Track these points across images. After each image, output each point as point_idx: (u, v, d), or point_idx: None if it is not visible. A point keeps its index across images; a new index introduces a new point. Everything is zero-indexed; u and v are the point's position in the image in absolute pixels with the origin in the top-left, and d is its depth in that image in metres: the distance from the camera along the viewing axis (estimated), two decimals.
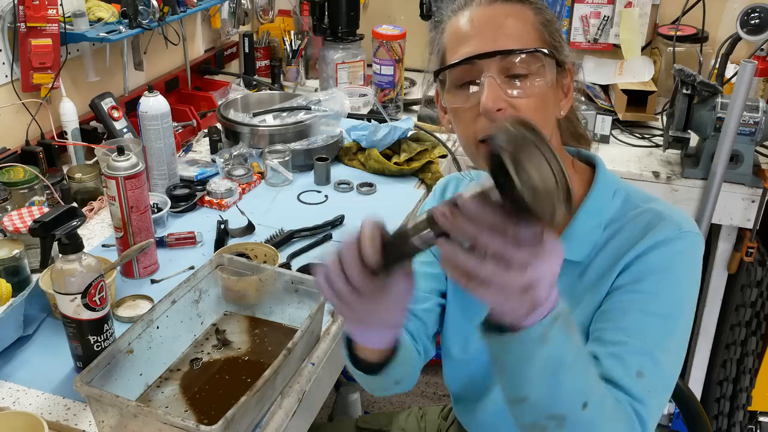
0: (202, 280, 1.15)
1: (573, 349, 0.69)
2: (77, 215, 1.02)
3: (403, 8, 2.53)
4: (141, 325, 1.03)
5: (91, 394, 0.90)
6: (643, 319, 0.85)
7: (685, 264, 0.87)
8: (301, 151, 1.73)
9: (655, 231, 0.88)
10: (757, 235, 1.86)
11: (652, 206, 0.92)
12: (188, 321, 1.13)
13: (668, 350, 0.85)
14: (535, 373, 0.68)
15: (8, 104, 1.59)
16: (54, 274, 1.00)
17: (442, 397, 2.47)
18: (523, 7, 0.90)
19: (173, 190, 1.56)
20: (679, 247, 0.87)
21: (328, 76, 2.24)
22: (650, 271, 0.86)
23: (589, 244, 0.92)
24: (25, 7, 1.53)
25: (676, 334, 0.86)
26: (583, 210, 0.93)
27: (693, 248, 0.89)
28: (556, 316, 0.67)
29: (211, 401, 1.03)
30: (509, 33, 0.87)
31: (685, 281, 0.87)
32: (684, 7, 2.17)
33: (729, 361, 2.07)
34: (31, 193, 1.44)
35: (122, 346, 0.99)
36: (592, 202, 0.94)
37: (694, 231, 0.89)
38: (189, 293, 1.12)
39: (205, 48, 2.31)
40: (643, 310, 0.85)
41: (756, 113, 1.75)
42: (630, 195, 0.95)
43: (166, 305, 1.08)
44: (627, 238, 0.90)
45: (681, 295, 0.86)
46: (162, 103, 1.51)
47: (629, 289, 0.87)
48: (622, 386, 0.81)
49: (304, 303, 1.16)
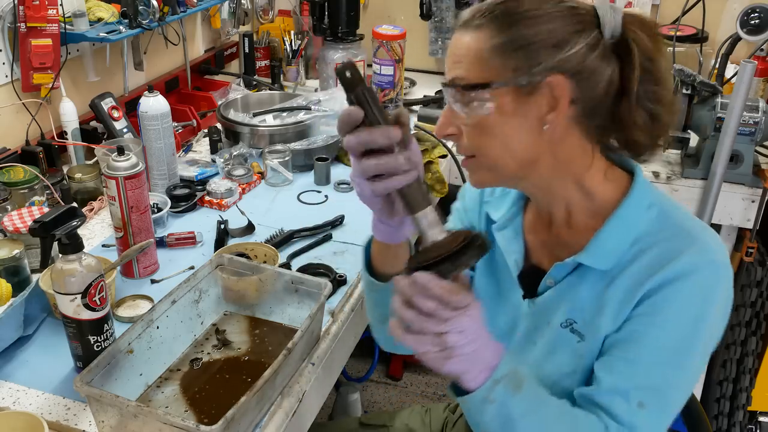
0: (202, 280, 1.15)
1: (521, 405, 0.82)
2: (77, 215, 1.02)
3: (403, 8, 2.53)
4: (141, 325, 1.03)
5: (91, 394, 0.90)
6: (654, 354, 0.85)
7: (706, 297, 0.85)
8: (301, 151, 1.73)
9: (681, 258, 0.85)
10: (757, 235, 1.86)
11: (687, 226, 0.90)
12: (188, 321, 1.13)
13: (674, 385, 0.85)
14: (487, 425, 0.83)
15: (8, 104, 1.59)
16: (54, 274, 1.00)
17: (442, 397, 2.47)
18: (481, 31, 0.87)
19: (173, 190, 1.56)
20: (703, 280, 0.85)
21: (328, 76, 2.24)
22: (668, 305, 0.85)
23: (615, 256, 0.90)
24: (25, 7, 1.53)
25: (685, 370, 0.85)
26: (613, 219, 0.91)
27: (718, 280, 0.86)
28: (497, 380, 0.80)
29: (211, 401, 1.03)
30: (460, 62, 0.88)
31: (704, 315, 0.85)
32: (684, 7, 2.17)
33: (729, 361, 2.07)
34: (31, 193, 1.44)
35: (122, 346, 0.99)
36: (624, 212, 0.91)
37: (722, 261, 0.87)
38: (189, 293, 1.12)
39: (205, 48, 2.31)
40: (654, 344, 0.85)
41: (756, 113, 1.75)
42: (667, 211, 0.92)
43: (166, 305, 1.08)
44: (654, 258, 0.87)
45: (696, 330, 0.85)
46: (162, 103, 1.51)
47: (645, 321, 0.86)
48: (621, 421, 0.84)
49: (304, 303, 1.16)
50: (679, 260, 0.85)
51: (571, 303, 0.93)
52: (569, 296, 0.94)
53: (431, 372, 0.89)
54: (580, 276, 0.93)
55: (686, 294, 0.85)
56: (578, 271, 0.93)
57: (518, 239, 1.03)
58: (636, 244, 0.90)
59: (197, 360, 1.11)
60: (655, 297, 0.86)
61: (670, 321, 0.85)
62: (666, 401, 0.85)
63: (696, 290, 0.85)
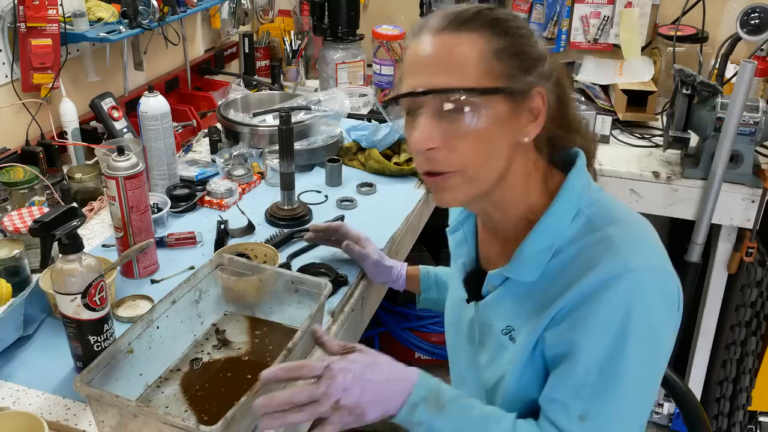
0: (202, 280, 1.15)
1: (449, 423, 0.85)
2: (77, 215, 1.02)
3: (403, 8, 2.53)
4: (141, 325, 1.02)
5: (91, 394, 0.90)
6: (585, 364, 0.84)
7: (630, 304, 0.82)
8: (302, 151, 1.73)
9: (598, 268, 0.83)
10: (757, 235, 1.86)
11: (611, 231, 0.86)
12: (188, 321, 1.13)
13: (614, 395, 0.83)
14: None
15: (8, 104, 1.59)
16: (54, 274, 1.00)
17: None
18: (474, 35, 0.85)
19: (173, 190, 1.56)
20: (623, 287, 0.82)
21: (328, 76, 2.24)
22: (591, 315, 0.83)
23: (538, 267, 0.89)
24: (25, 7, 1.53)
25: (622, 378, 0.83)
26: (535, 231, 0.90)
27: (640, 287, 0.82)
28: (414, 404, 0.85)
29: (211, 401, 1.03)
30: (449, 68, 0.84)
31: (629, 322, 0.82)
32: (684, 7, 2.17)
33: (729, 361, 2.07)
34: (31, 193, 1.44)
35: (122, 346, 0.99)
36: (547, 222, 0.90)
37: (641, 267, 0.83)
38: (189, 293, 1.12)
39: (205, 48, 2.31)
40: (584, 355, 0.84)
41: (756, 113, 1.75)
42: (594, 215, 0.89)
43: (166, 305, 1.08)
44: (573, 269, 0.86)
45: (624, 337, 0.82)
46: (162, 103, 1.51)
47: (572, 333, 0.84)
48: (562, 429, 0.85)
49: (304, 303, 1.16)
50: (597, 269, 0.83)
51: (507, 310, 0.94)
52: (504, 304, 0.95)
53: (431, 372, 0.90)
54: (510, 285, 0.94)
55: (607, 303, 0.82)
56: (508, 281, 0.94)
57: (468, 243, 1.05)
58: (558, 255, 0.88)
59: (197, 360, 1.11)
60: (579, 308, 0.84)
61: (595, 330, 0.83)
62: (608, 412, 0.84)
63: (618, 298, 0.82)
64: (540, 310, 0.88)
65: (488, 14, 0.87)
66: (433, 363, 2.54)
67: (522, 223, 0.93)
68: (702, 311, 2.05)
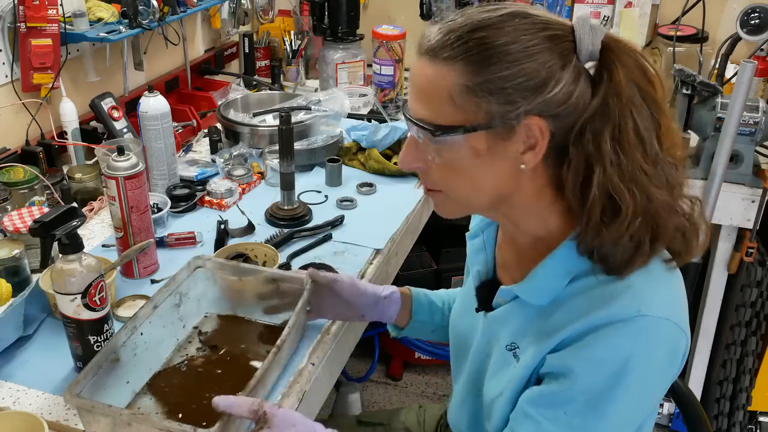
0: (181, 284, 1.13)
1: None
2: (77, 215, 1.02)
3: (403, 8, 2.53)
4: (125, 333, 1.01)
5: (82, 405, 0.89)
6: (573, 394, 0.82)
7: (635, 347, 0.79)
8: (302, 151, 1.73)
9: (612, 305, 0.81)
10: (757, 235, 1.86)
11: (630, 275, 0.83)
12: (170, 325, 1.12)
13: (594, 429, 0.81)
14: None
15: (8, 104, 1.59)
16: (54, 274, 1.00)
17: (442, 397, 2.47)
18: (449, 67, 0.79)
19: (173, 190, 1.56)
20: (632, 330, 0.79)
21: (328, 76, 2.24)
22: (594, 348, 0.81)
23: (551, 293, 0.87)
24: (25, 7, 1.53)
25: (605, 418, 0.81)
26: (551, 257, 0.87)
27: (646, 336, 0.79)
28: None
29: (201, 405, 1.01)
30: (425, 98, 0.82)
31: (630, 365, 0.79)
32: (684, 7, 2.17)
33: (729, 361, 2.07)
34: (31, 193, 1.44)
35: (108, 355, 0.98)
36: (564, 250, 0.86)
37: (655, 316, 0.80)
38: (170, 297, 1.11)
39: (205, 48, 2.31)
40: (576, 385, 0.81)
41: (756, 113, 1.75)
42: None
43: (148, 311, 1.06)
44: (587, 301, 0.83)
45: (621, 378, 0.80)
46: (162, 103, 1.51)
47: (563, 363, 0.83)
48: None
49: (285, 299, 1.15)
50: (611, 306, 0.81)
51: (514, 327, 0.92)
52: (512, 320, 0.93)
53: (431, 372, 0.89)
54: (520, 304, 0.92)
55: (612, 340, 0.80)
56: (518, 298, 0.92)
57: (485, 251, 1.03)
58: (572, 284, 0.86)
59: (183, 363, 1.10)
60: (584, 338, 0.81)
61: (593, 363, 0.81)
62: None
63: (623, 340, 0.79)
64: (548, 334, 0.86)
65: (479, 39, 0.79)
66: (433, 363, 2.55)
67: (540, 242, 0.90)
68: (702, 311, 2.05)
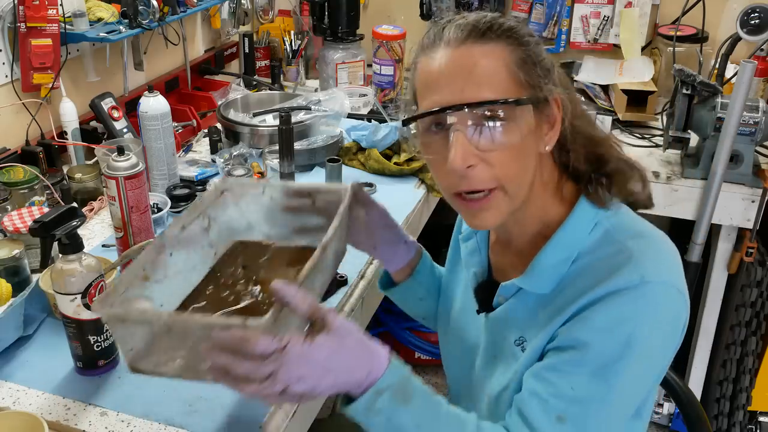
0: (209, 207, 1.01)
1: (411, 417, 0.78)
2: (77, 215, 1.02)
3: (403, 8, 2.53)
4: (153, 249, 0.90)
5: (114, 314, 0.78)
6: (579, 366, 0.82)
7: (641, 316, 0.81)
8: (302, 151, 1.73)
9: (614, 277, 0.82)
10: (757, 235, 1.86)
11: (631, 244, 0.85)
12: (200, 250, 0.99)
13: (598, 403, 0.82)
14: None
15: (8, 104, 1.59)
16: (54, 274, 1.00)
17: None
18: (497, 46, 0.83)
19: (173, 190, 1.56)
20: (636, 298, 0.81)
21: (328, 76, 2.24)
22: (598, 320, 0.82)
23: (554, 279, 0.88)
24: (25, 7, 1.53)
25: (612, 389, 0.82)
26: (552, 243, 0.89)
27: (654, 301, 0.81)
28: (378, 391, 0.77)
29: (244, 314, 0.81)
30: (479, 80, 0.81)
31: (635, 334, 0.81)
32: (684, 7, 2.17)
33: (729, 361, 2.07)
34: (31, 193, 1.44)
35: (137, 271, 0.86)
36: (564, 233, 0.89)
37: (658, 282, 0.82)
38: (198, 220, 0.99)
39: (205, 48, 2.31)
40: (581, 357, 0.82)
41: (756, 113, 1.75)
42: (613, 227, 0.88)
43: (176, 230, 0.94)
44: (590, 277, 0.85)
45: (627, 349, 0.81)
46: (162, 103, 1.51)
47: (574, 334, 0.83)
48: (535, 427, 0.82)
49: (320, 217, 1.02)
50: (614, 277, 0.82)
51: (520, 322, 0.92)
52: (517, 315, 0.93)
53: (431, 372, 0.89)
54: (523, 297, 0.92)
55: (617, 307, 0.81)
56: (521, 292, 0.92)
57: (480, 252, 1.03)
58: (575, 263, 0.87)
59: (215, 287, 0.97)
60: (589, 308, 0.82)
61: (600, 332, 0.81)
62: (587, 420, 0.82)
63: (629, 306, 0.81)
64: (552, 317, 0.87)
65: (502, 23, 0.84)
66: (433, 363, 2.54)
67: (538, 235, 0.92)
68: (702, 311, 2.05)
